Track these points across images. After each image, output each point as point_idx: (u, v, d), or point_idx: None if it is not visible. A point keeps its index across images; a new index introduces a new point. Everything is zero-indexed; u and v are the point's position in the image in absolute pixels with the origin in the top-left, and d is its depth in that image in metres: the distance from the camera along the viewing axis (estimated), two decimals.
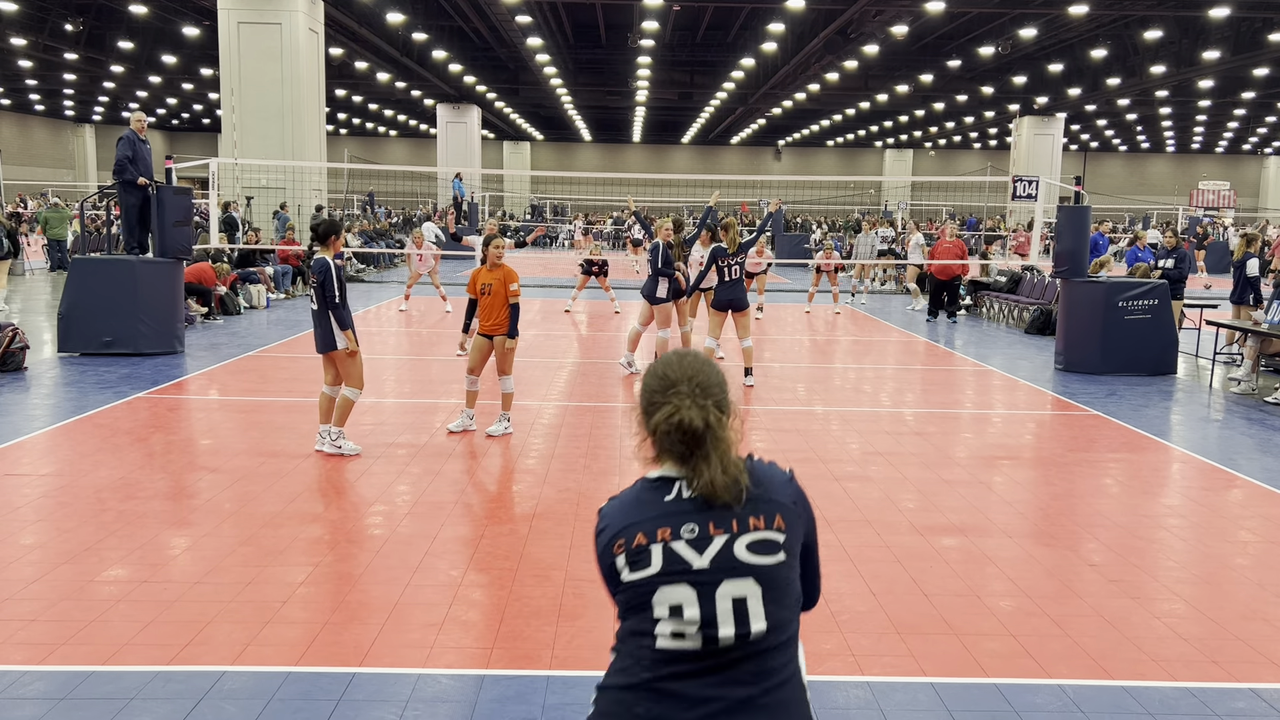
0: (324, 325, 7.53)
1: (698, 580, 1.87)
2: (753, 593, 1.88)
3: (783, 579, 1.92)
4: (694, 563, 1.87)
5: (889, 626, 4.74)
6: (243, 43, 23.03)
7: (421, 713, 3.89)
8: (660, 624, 1.87)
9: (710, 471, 1.92)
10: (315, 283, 7.48)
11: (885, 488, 7.10)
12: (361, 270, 25.60)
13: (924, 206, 54.87)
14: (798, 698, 1.94)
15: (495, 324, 8.19)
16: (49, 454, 7.56)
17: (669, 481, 1.97)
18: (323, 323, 7.52)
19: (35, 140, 57.99)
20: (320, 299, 7.47)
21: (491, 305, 8.17)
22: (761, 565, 1.89)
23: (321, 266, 7.43)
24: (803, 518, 2.01)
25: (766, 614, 1.88)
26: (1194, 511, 6.78)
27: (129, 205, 12.61)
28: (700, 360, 2.08)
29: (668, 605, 1.85)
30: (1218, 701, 4.11)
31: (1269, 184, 65.51)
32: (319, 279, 7.44)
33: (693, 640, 1.85)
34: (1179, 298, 13.18)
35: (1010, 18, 28.92)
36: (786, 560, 1.93)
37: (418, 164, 58.25)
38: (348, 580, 5.17)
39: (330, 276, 7.42)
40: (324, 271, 7.42)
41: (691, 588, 1.87)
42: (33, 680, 4.06)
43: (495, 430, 8.39)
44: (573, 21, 34.07)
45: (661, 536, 1.88)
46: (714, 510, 1.92)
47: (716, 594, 1.87)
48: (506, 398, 8.44)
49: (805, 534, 2.02)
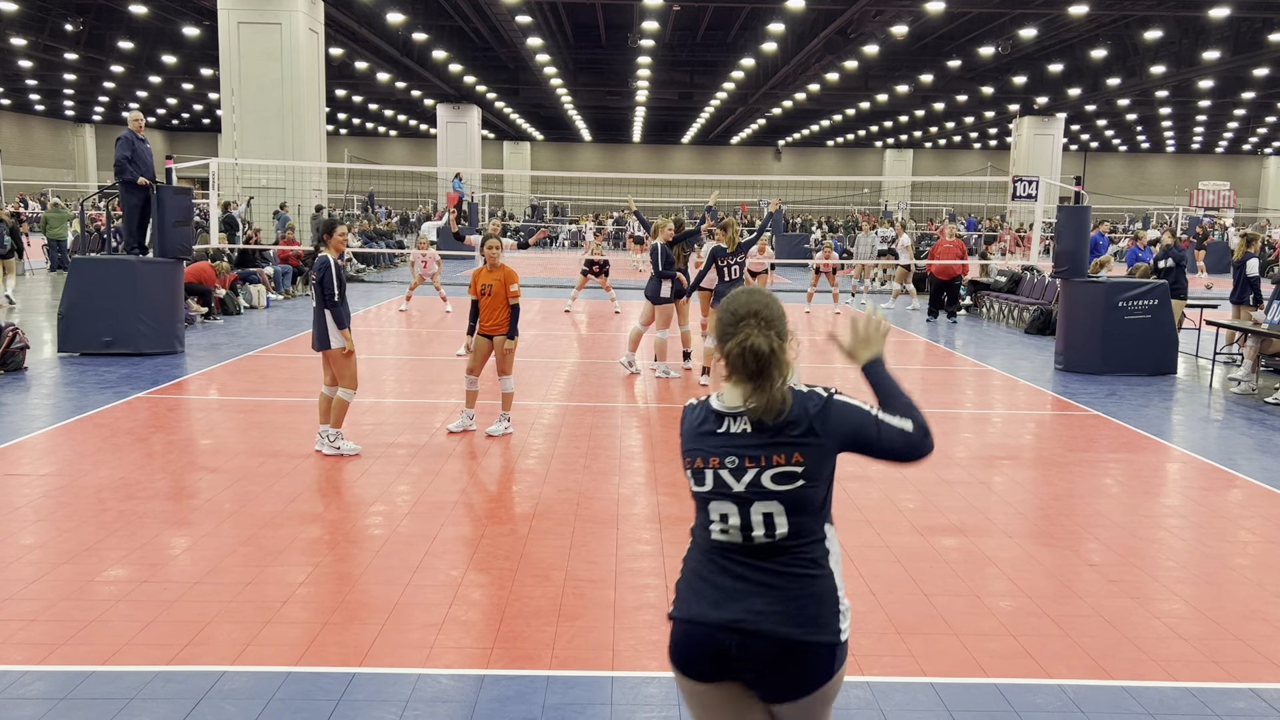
0: (320, 323, 7.55)
1: (737, 499, 2.52)
2: (778, 510, 2.51)
3: (803, 498, 2.53)
4: (734, 487, 2.52)
5: (889, 626, 4.74)
6: (243, 43, 23.03)
7: (421, 713, 3.89)
8: (713, 524, 2.57)
9: (769, 391, 2.49)
10: (315, 279, 7.52)
11: (885, 488, 7.10)
12: (361, 270, 25.60)
13: (924, 206, 54.88)
14: (814, 580, 2.56)
15: (495, 324, 8.20)
16: (49, 454, 7.56)
17: (722, 417, 2.56)
18: (319, 320, 7.54)
19: (35, 140, 58.00)
20: (319, 296, 7.49)
21: (492, 306, 8.18)
22: (784, 491, 2.50)
23: (322, 264, 7.47)
24: (831, 438, 2.53)
25: (789, 523, 2.53)
26: (1194, 511, 6.79)
27: (130, 205, 12.62)
28: (764, 296, 2.61)
29: (718, 513, 2.55)
30: (1218, 701, 4.12)
31: (1269, 184, 65.52)
32: (319, 276, 7.47)
33: (734, 537, 2.55)
34: (1181, 297, 13.12)
35: (1010, 18, 28.92)
36: (806, 484, 2.52)
37: (418, 164, 58.25)
38: (348, 580, 5.17)
39: (330, 274, 7.44)
40: (324, 269, 7.45)
41: (733, 503, 2.53)
42: (33, 680, 4.06)
43: (495, 430, 8.40)
44: (573, 21, 34.07)
45: (713, 465, 2.54)
46: (751, 445, 2.51)
47: (750, 509, 2.52)
48: (506, 398, 8.45)
49: (840, 443, 2.55)
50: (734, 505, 2.53)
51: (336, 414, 7.65)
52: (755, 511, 2.52)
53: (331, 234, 7.58)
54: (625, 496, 6.74)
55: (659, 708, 3.96)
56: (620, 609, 4.87)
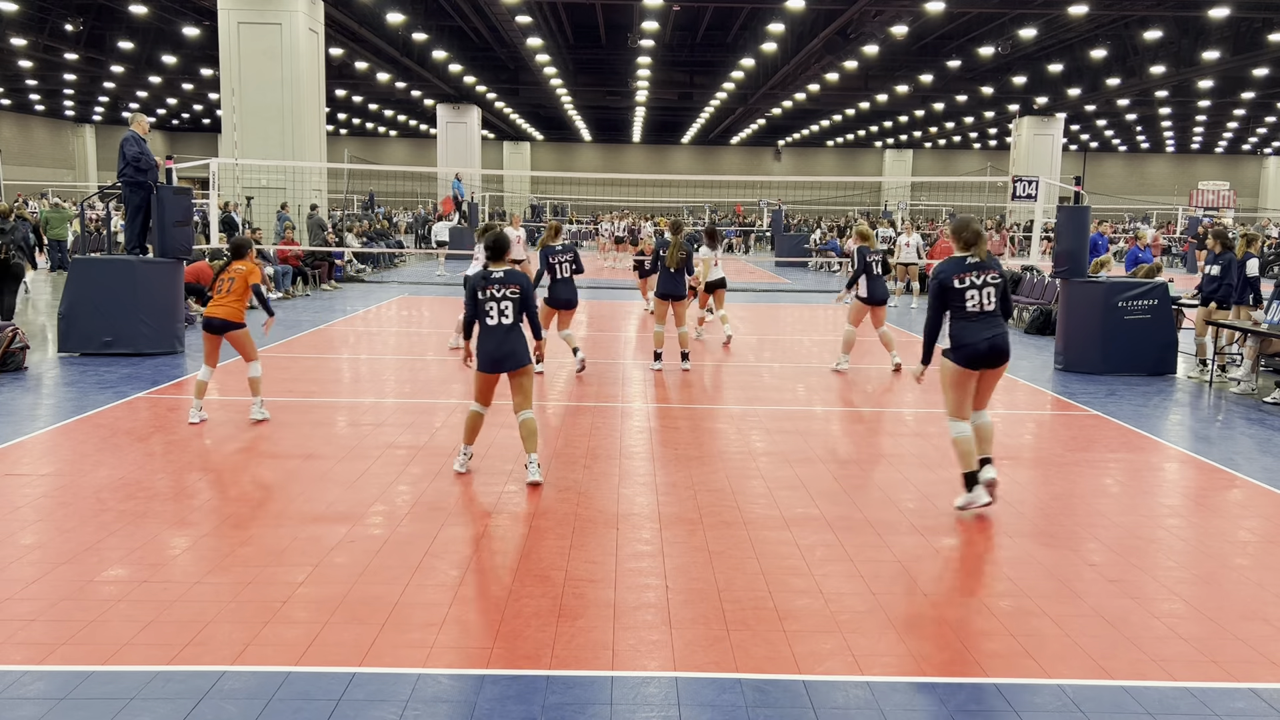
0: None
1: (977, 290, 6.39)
2: (992, 295, 6.42)
3: (1001, 290, 6.47)
4: (977, 283, 6.38)
5: (889, 626, 4.74)
6: (243, 43, 23.03)
7: (421, 713, 3.89)
8: (968, 302, 6.38)
9: (981, 250, 6.46)
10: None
11: (885, 488, 7.10)
12: (361, 270, 25.60)
13: (924, 207, 54.87)
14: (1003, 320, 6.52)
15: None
16: (49, 454, 7.56)
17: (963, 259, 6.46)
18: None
19: (35, 140, 58.00)
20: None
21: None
22: (996, 284, 6.43)
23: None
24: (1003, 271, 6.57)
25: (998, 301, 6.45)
26: (1194, 511, 6.79)
27: (134, 206, 12.62)
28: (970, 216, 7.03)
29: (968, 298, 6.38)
30: (1218, 701, 4.12)
31: (1269, 184, 65.54)
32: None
33: (975, 308, 6.38)
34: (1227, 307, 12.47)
35: (1010, 18, 28.93)
36: (1001, 283, 6.46)
37: (418, 164, 58.24)
38: (348, 580, 5.17)
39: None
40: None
41: (977, 291, 6.38)
42: (33, 680, 4.06)
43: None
44: (573, 21, 34.08)
45: (967, 278, 6.39)
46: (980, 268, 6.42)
47: (982, 294, 6.38)
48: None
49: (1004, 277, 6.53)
50: (977, 293, 6.36)
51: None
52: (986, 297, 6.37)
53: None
54: (625, 496, 6.74)
55: (659, 708, 3.96)
56: (620, 609, 4.87)
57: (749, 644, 4.52)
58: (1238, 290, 12.35)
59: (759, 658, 4.39)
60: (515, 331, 6.95)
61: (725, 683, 4.16)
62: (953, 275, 6.40)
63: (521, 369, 6.96)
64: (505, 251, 7.03)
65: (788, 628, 4.69)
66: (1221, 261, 12.44)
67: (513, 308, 6.90)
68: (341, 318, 16.78)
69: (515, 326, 6.95)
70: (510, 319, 6.91)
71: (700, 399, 10.29)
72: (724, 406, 9.89)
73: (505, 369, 6.94)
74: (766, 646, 4.50)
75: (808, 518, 6.37)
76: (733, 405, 9.94)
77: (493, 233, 7.08)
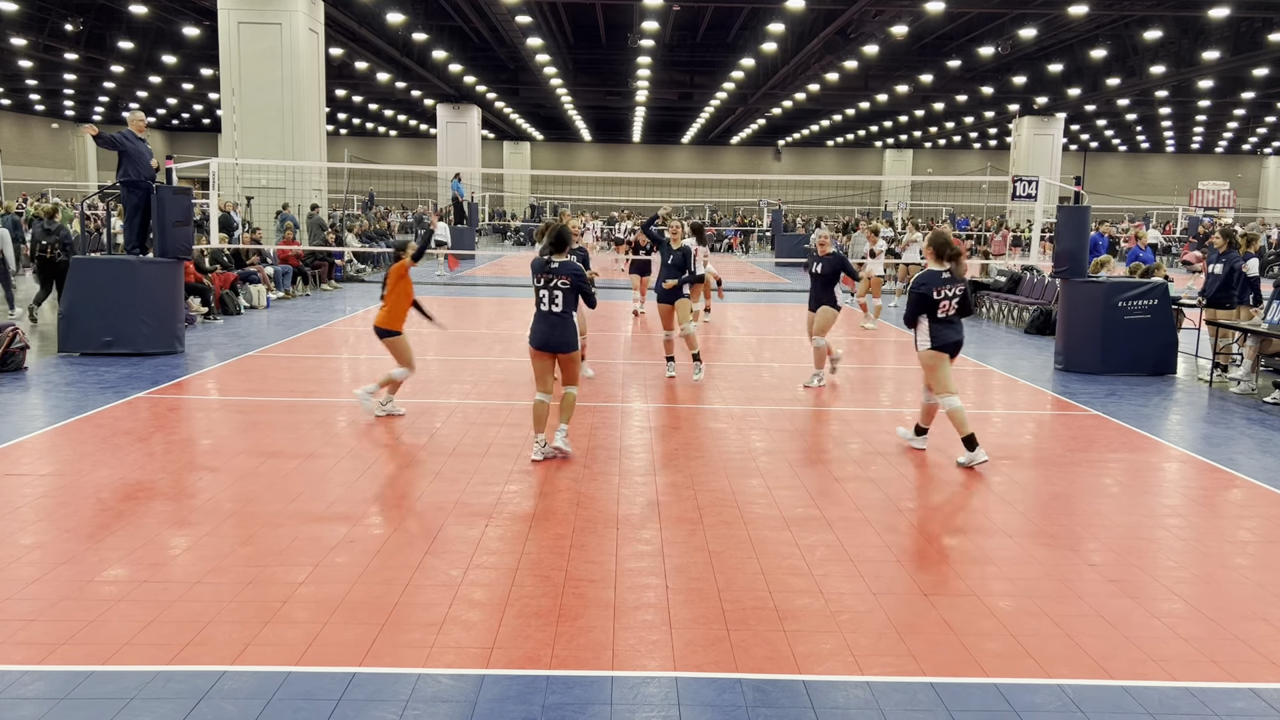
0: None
1: (949, 300, 7.67)
2: (957, 303, 7.72)
3: (962, 298, 7.78)
4: (950, 295, 7.66)
5: (889, 626, 4.74)
6: (243, 43, 23.03)
7: (421, 713, 3.89)
8: (939, 310, 7.64)
9: (960, 267, 7.72)
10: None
11: (885, 488, 7.10)
12: (361, 270, 25.60)
13: (924, 207, 54.87)
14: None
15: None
16: (49, 454, 7.56)
17: (939, 273, 7.64)
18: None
19: (35, 140, 58.00)
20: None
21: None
22: (961, 294, 7.70)
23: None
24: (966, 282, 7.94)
25: (959, 307, 7.80)
26: (1194, 511, 6.79)
27: (131, 205, 12.62)
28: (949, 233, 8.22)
29: (941, 307, 7.64)
30: (1218, 701, 4.12)
31: (1269, 184, 65.52)
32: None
33: (943, 314, 7.67)
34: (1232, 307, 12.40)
35: (1010, 18, 28.92)
36: (964, 293, 7.78)
37: (418, 164, 58.24)
38: (348, 580, 5.17)
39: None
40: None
41: (949, 301, 7.68)
42: (33, 680, 4.06)
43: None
44: (573, 21, 34.08)
45: (944, 290, 7.62)
46: (952, 282, 7.66)
47: (951, 304, 7.68)
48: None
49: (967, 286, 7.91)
50: (949, 302, 7.64)
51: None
52: (954, 304, 7.69)
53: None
54: (625, 496, 6.74)
55: (659, 707, 3.96)
56: (620, 609, 4.87)
57: (749, 644, 4.52)
58: (1239, 290, 12.35)
59: (759, 658, 4.39)
60: (566, 319, 7.44)
61: (725, 683, 4.16)
62: (933, 288, 7.67)
63: (568, 354, 7.53)
64: (566, 244, 7.54)
65: (788, 628, 4.69)
66: (1225, 261, 12.43)
67: (563, 297, 7.38)
68: (341, 318, 16.78)
69: (566, 314, 7.43)
70: (560, 307, 7.40)
71: (700, 399, 10.29)
72: (724, 406, 9.89)
73: (553, 351, 7.48)
74: (766, 646, 4.50)
75: (808, 518, 6.37)
76: (733, 405, 9.94)
77: (556, 225, 7.67)
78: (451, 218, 33.40)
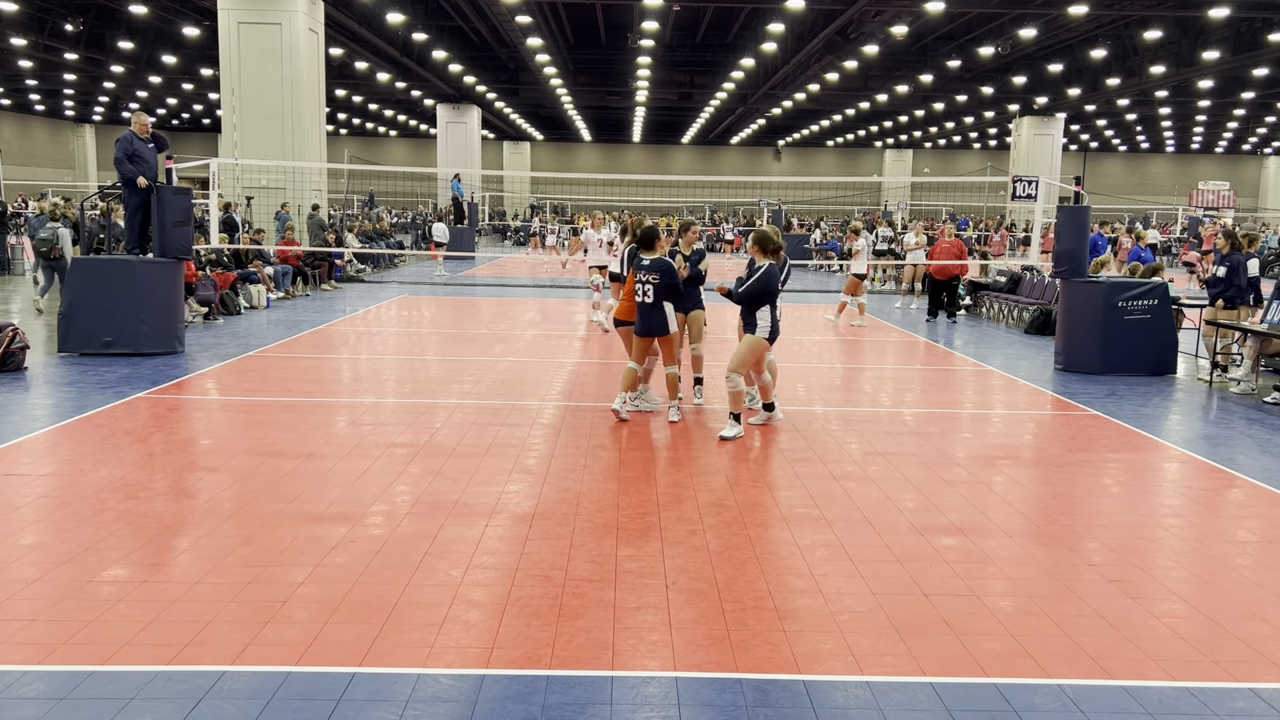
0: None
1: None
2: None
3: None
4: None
5: (889, 626, 4.74)
6: (243, 43, 23.03)
7: (421, 713, 3.89)
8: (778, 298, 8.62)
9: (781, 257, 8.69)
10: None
11: (885, 488, 7.10)
12: (361, 270, 25.60)
13: (924, 207, 54.88)
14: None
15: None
16: (49, 454, 7.56)
17: (781, 266, 8.62)
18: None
19: (35, 140, 58.01)
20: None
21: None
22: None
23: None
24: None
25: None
26: (1194, 511, 6.79)
27: (133, 206, 12.61)
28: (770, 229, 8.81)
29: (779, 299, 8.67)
30: (1217, 701, 4.12)
31: (1269, 184, 65.54)
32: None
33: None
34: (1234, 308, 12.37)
35: (1010, 18, 28.92)
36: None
37: (418, 164, 58.24)
38: (348, 580, 5.17)
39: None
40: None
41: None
42: (33, 680, 4.06)
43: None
44: (573, 21, 34.07)
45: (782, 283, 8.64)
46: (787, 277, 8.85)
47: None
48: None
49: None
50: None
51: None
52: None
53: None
54: (626, 497, 6.74)
55: (659, 708, 3.96)
56: (620, 609, 4.87)
57: (749, 644, 4.52)
58: (1242, 291, 12.36)
59: (759, 658, 4.39)
60: (657, 308, 8.78)
61: (725, 683, 4.16)
62: (778, 279, 8.56)
63: (665, 337, 8.92)
64: (655, 241, 8.87)
65: (788, 628, 4.69)
66: (1229, 262, 12.43)
67: (653, 290, 8.70)
68: (341, 318, 16.78)
69: (658, 304, 8.76)
70: (651, 299, 8.74)
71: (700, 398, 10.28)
72: (724, 406, 9.88)
73: (651, 335, 8.89)
74: (766, 646, 4.50)
75: (808, 518, 6.37)
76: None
77: (644, 226, 9.09)
78: (451, 218, 33.44)
